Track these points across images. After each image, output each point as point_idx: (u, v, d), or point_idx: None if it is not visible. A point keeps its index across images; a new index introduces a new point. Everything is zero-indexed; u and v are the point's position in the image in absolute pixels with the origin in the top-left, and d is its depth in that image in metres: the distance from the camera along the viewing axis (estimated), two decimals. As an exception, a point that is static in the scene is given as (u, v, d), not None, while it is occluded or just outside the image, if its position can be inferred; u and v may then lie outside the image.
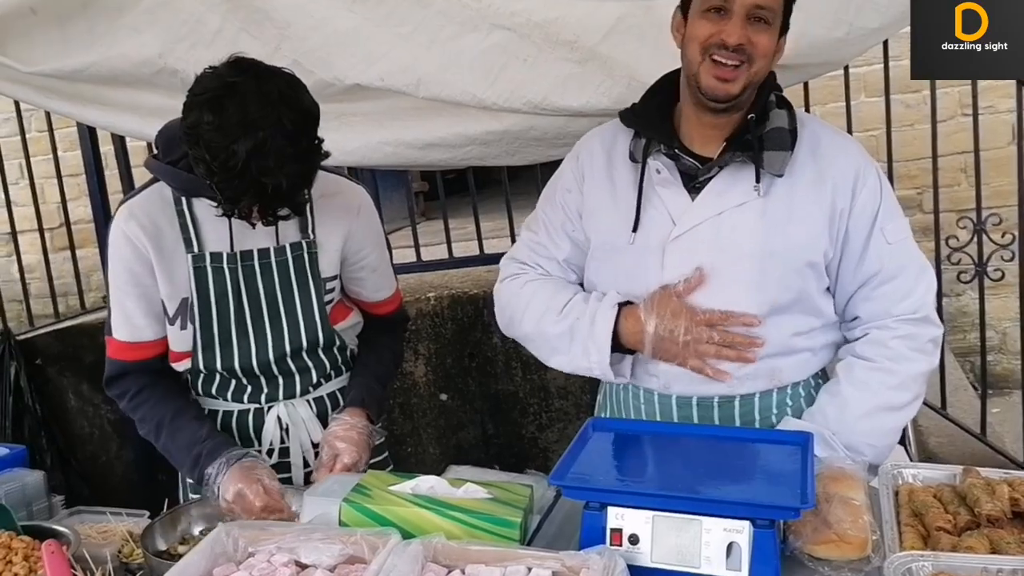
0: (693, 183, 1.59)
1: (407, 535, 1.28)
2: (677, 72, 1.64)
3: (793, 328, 1.59)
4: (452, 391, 3.19)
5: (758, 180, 1.55)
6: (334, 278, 1.84)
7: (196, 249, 1.72)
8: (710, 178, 1.58)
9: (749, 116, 1.55)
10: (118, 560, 1.65)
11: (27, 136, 3.76)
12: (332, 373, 1.90)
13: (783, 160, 1.54)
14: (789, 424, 1.60)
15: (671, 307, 1.54)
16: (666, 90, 1.67)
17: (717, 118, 1.58)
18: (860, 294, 1.59)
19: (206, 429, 1.74)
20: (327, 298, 1.83)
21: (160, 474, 3.24)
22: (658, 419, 1.66)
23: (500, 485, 1.41)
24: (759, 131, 1.55)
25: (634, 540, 1.19)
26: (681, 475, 1.29)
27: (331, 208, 1.80)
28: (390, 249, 2.01)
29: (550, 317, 1.66)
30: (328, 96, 2.38)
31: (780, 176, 1.55)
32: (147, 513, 1.84)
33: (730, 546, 1.15)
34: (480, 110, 2.38)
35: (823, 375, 1.72)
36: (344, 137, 2.52)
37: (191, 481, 1.87)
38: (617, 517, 1.20)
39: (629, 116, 1.67)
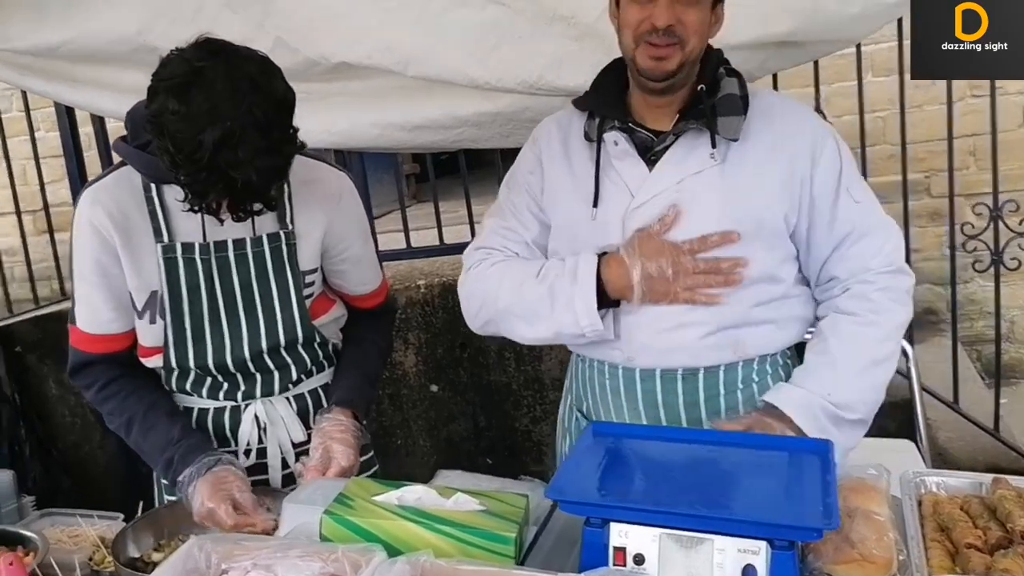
0: (649, 155, 1.60)
1: (393, 551, 1.18)
2: None
3: (754, 299, 1.57)
4: (443, 382, 3.10)
5: (714, 146, 1.54)
6: (314, 271, 1.74)
7: (166, 239, 1.62)
8: (666, 148, 1.58)
9: (699, 87, 1.57)
10: (88, 568, 1.57)
11: (5, 116, 3.64)
12: (313, 369, 1.80)
13: (737, 125, 1.55)
14: (781, 391, 1.54)
15: (653, 246, 1.54)
16: (618, 72, 1.66)
17: (662, 98, 1.59)
18: (835, 256, 1.59)
19: (178, 428, 1.66)
20: (307, 292, 1.73)
21: (142, 465, 3.15)
22: (622, 394, 1.64)
23: (493, 495, 1.31)
24: (711, 100, 1.56)
25: (639, 560, 1.09)
26: (691, 488, 1.18)
27: (311, 196, 1.70)
28: (376, 238, 1.91)
29: (528, 284, 1.62)
30: (314, 75, 2.29)
31: (735, 140, 1.55)
32: (121, 516, 1.76)
33: (746, 569, 1.05)
34: (472, 90, 2.28)
35: (792, 354, 1.70)
36: (331, 118, 2.43)
37: (166, 482, 1.78)
38: (620, 534, 1.10)
39: (582, 100, 1.69)
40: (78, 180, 3.36)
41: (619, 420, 1.64)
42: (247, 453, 1.76)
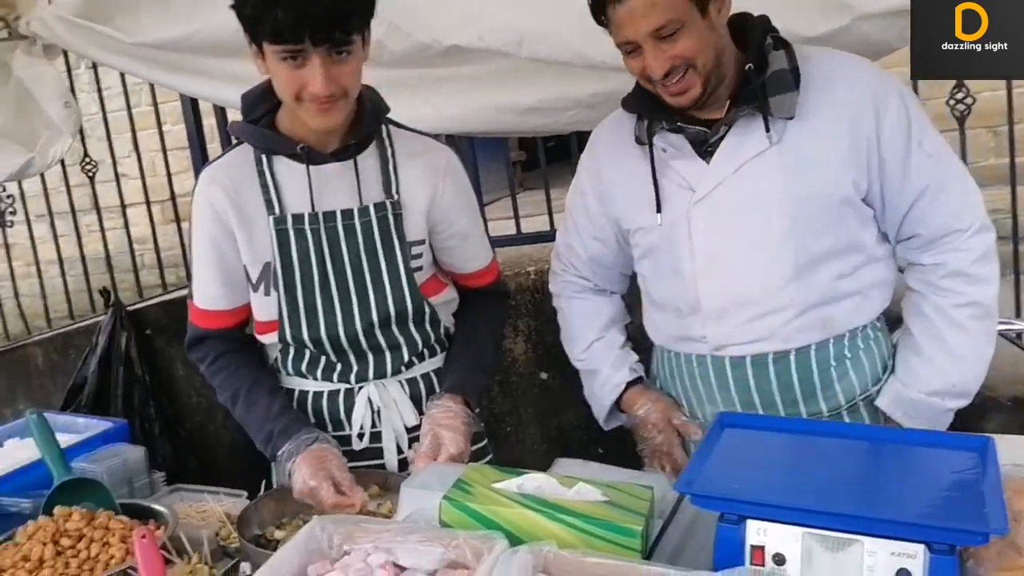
0: (706, 148, 1.56)
1: (513, 540, 1.15)
2: None
3: (837, 271, 1.54)
4: (553, 370, 3.05)
5: (768, 129, 1.49)
6: (421, 242, 1.74)
7: (278, 211, 1.66)
8: (722, 139, 1.54)
9: (747, 67, 1.51)
10: (215, 542, 1.61)
11: (135, 111, 3.81)
12: (425, 352, 1.80)
13: (790, 102, 1.49)
14: (892, 389, 1.57)
15: (661, 427, 1.70)
16: None
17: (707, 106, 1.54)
18: (914, 213, 1.53)
19: (279, 404, 1.70)
20: (415, 264, 1.73)
21: (243, 448, 3.25)
22: (713, 383, 1.65)
23: (616, 486, 1.26)
24: (760, 79, 1.49)
25: (779, 560, 1.02)
26: (836, 484, 1.09)
27: (416, 168, 1.71)
28: (485, 217, 1.89)
29: (576, 352, 1.86)
30: (426, 60, 2.29)
31: (791, 119, 1.48)
32: (245, 493, 1.80)
33: (899, 574, 0.97)
34: (585, 70, 2.21)
35: (883, 325, 1.63)
36: (443, 103, 2.43)
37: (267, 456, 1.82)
38: (759, 532, 1.03)
39: (629, 100, 1.66)
40: (201, 168, 3.49)
41: (711, 407, 1.66)
42: (360, 436, 1.78)
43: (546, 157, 3.38)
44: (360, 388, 1.77)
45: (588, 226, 1.79)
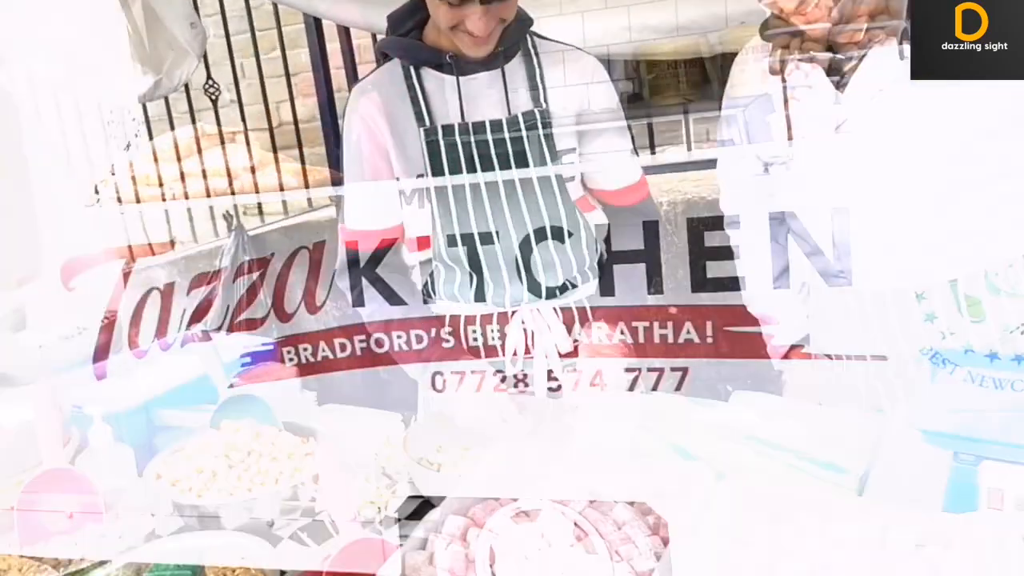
0: (843, 76, 1.45)
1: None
2: None
3: (1000, 197, 1.41)
4: (682, 307, 2.98)
5: (902, 57, 1.36)
6: (572, 150, 1.70)
7: (428, 123, 1.64)
8: (859, 65, 1.43)
9: None
10: (376, 463, 1.63)
11: (257, 34, 3.82)
12: (579, 278, 1.75)
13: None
14: None
15: None
16: None
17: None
18: None
19: (433, 331, 1.71)
20: (567, 174, 1.69)
21: (383, 372, 3.29)
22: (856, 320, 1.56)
23: (815, 420, 1.20)
24: None
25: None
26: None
27: (562, 75, 1.68)
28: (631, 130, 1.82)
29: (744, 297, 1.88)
30: (567, -23, 2.20)
31: None
32: (400, 416, 1.81)
33: None
34: (734, -17, 2.10)
35: None
36: (580, 24, 2.34)
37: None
38: (998, 474, 0.96)
39: (765, 27, 1.55)
40: (326, 94, 3.49)
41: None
42: (513, 361, 1.76)
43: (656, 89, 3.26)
44: (513, 312, 1.74)
45: (736, 156, 1.72)
